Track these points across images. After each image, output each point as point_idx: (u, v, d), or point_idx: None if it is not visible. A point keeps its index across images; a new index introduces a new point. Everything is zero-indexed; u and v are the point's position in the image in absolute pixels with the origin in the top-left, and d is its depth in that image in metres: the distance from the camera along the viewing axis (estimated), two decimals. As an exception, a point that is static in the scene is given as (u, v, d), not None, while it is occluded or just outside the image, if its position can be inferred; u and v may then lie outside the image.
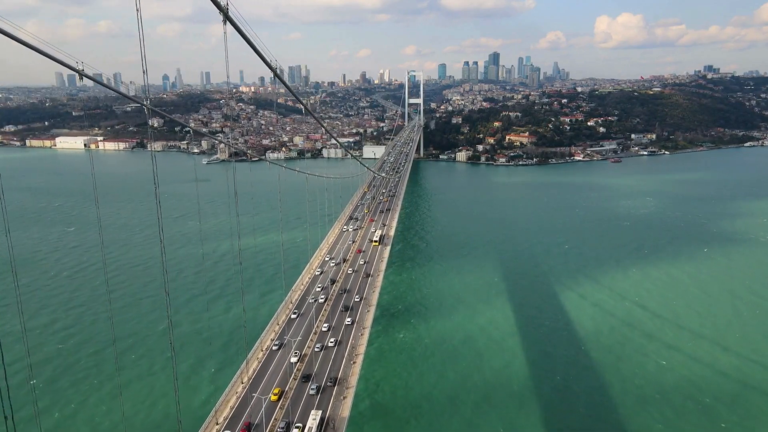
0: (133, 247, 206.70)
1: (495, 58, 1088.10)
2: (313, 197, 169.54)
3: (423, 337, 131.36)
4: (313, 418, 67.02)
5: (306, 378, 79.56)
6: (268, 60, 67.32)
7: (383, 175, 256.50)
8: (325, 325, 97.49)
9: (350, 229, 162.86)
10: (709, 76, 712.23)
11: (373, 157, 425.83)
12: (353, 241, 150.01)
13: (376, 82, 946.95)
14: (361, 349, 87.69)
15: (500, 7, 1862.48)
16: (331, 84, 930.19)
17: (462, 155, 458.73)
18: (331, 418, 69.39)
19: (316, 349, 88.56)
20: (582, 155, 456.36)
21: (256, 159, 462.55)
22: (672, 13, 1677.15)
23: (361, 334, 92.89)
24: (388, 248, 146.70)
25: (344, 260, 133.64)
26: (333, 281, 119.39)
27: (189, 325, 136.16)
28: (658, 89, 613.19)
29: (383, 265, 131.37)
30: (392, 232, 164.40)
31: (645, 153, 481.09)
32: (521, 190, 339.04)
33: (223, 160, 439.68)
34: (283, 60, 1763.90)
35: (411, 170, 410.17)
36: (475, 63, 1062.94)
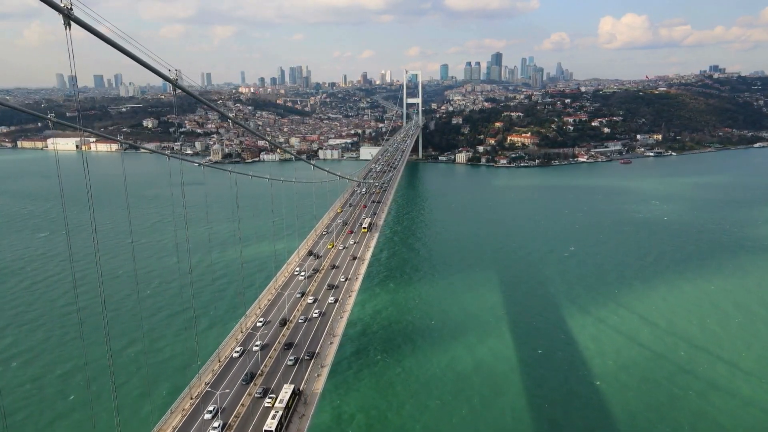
0: (113, 257, 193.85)
1: (497, 58, 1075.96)
2: (295, 203, 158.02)
3: (422, 365, 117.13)
4: None
5: None
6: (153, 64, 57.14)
7: (364, 190, 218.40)
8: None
9: (303, 277, 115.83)
10: (716, 75, 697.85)
11: (370, 158, 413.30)
12: (302, 294, 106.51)
13: (378, 82, 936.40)
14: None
15: (504, 7, 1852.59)
16: (332, 84, 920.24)
17: (462, 156, 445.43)
18: None
19: None
20: (586, 156, 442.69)
21: (251, 161, 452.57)
22: (677, 14, 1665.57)
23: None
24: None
25: (285, 323, 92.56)
26: (252, 376, 74.53)
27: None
28: (664, 89, 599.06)
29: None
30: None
31: (651, 154, 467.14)
32: (524, 194, 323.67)
33: (216, 162, 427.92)
34: (285, 61, 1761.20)
35: (409, 173, 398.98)
36: (477, 63, 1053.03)
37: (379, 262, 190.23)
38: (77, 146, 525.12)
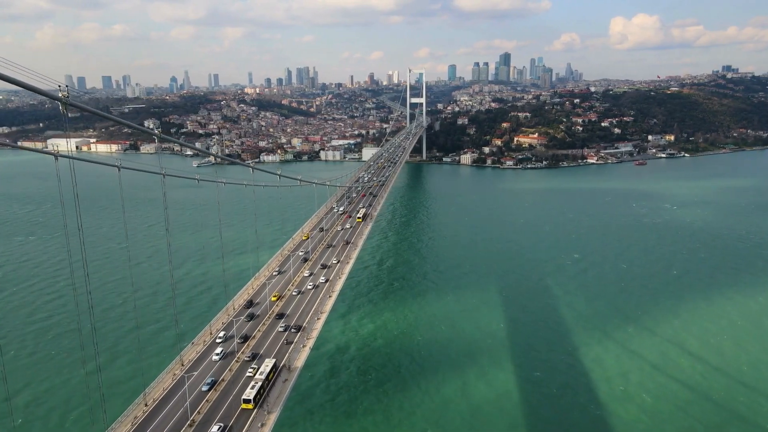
0: (91, 264, 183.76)
1: (506, 58, 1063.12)
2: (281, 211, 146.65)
3: (427, 393, 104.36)
4: None
5: None
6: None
7: (340, 209, 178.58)
8: None
9: (217, 357, 77.58)
10: (729, 75, 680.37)
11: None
12: (211, 385, 70.04)
13: (385, 83, 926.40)
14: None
15: (515, 8, 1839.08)
16: (338, 85, 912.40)
17: (467, 158, 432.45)
18: None
19: None
20: (596, 158, 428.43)
21: (250, 162, 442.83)
22: (689, 14, 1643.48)
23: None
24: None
25: None
26: None
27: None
28: (676, 89, 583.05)
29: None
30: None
31: (663, 155, 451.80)
32: (531, 197, 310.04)
33: (215, 163, 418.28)
34: (295, 62, 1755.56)
35: (412, 174, 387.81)
36: (486, 64, 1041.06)
37: (381, 269, 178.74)
38: (77, 147, 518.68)
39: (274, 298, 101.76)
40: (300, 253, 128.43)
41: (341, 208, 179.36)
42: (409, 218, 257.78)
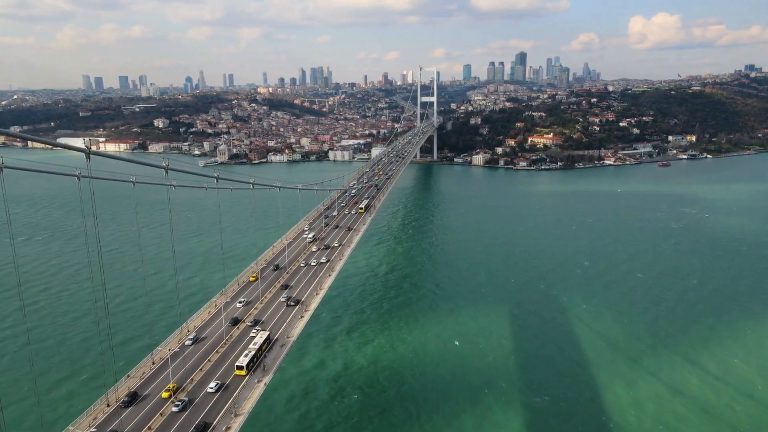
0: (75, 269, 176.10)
1: (522, 58, 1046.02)
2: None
3: (438, 425, 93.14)
4: None
5: None
6: None
7: (311, 236, 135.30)
8: None
9: None
10: (753, 75, 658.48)
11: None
12: None
13: (399, 83, 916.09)
14: None
15: (533, 7, 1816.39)
16: (352, 85, 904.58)
17: (479, 158, 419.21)
18: None
19: None
20: (613, 159, 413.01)
21: (257, 162, 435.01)
22: (711, 13, 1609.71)
23: None
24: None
25: None
26: None
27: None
28: (698, 88, 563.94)
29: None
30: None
31: (684, 156, 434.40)
32: (548, 201, 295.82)
33: (222, 163, 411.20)
34: (311, 63, 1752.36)
35: (422, 175, 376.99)
36: (501, 64, 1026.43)
37: (389, 277, 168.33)
38: (87, 147, 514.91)
39: (165, 394, 64.00)
40: (238, 304, 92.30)
41: (311, 234, 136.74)
42: (421, 222, 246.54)
